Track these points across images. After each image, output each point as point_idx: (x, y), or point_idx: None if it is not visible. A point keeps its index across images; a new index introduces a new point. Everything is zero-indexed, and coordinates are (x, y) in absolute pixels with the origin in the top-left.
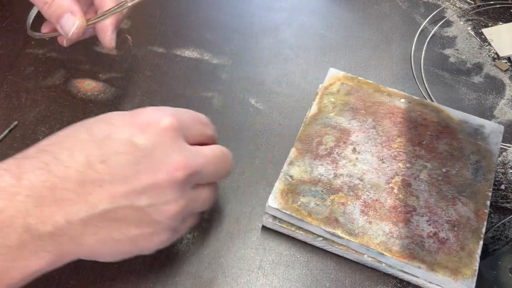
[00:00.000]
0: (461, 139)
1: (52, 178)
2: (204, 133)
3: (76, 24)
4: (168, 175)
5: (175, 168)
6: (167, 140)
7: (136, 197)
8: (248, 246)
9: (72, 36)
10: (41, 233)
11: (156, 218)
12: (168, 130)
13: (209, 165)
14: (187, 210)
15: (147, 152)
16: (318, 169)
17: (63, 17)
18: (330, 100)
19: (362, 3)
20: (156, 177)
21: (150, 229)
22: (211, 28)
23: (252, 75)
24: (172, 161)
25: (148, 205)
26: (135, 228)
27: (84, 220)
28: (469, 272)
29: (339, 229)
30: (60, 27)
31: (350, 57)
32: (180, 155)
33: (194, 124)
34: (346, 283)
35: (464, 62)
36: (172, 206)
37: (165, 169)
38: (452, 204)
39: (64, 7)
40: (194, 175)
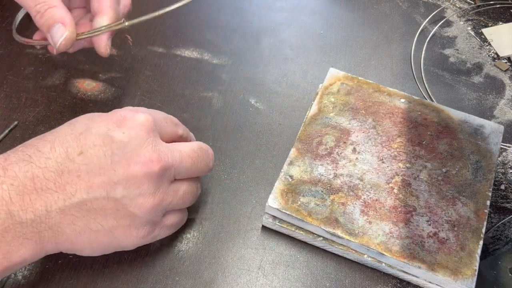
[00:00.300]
0: (461, 139)
1: (33, 169)
2: (176, 133)
3: (64, 35)
4: (143, 167)
5: (150, 160)
6: (142, 134)
7: (112, 187)
8: (248, 246)
9: (59, 47)
10: (23, 220)
11: (132, 210)
12: (144, 125)
13: (186, 160)
14: (165, 204)
15: (122, 144)
16: (318, 169)
17: (54, 27)
18: (330, 100)
19: (362, 3)
20: (130, 169)
21: (127, 222)
22: (211, 28)
23: (252, 75)
24: (147, 153)
25: (123, 196)
26: (112, 220)
27: (62, 209)
28: (469, 272)
29: (339, 229)
30: (50, 37)
31: (350, 57)
32: (154, 148)
33: (167, 123)
34: (346, 283)
35: (464, 62)
36: (148, 198)
37: (139, 161)
38: (452, 204)
39: (56, 17)
40: (169, 169)
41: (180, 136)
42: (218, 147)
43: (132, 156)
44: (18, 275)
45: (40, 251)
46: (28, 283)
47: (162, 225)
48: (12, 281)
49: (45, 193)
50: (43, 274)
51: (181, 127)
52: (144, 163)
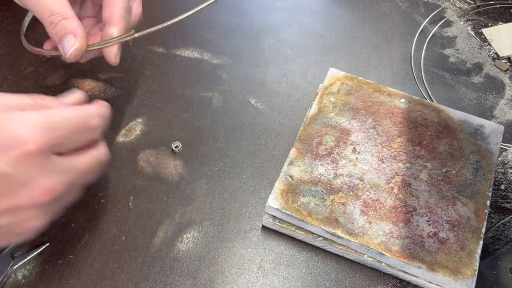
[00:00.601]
0: (461, 139)
1: None
2: (86, 140)
3: (75, 46)
4: (31, 200)
5: (39, 194)
6: (31, 164)
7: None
8: (248, 246)
9: (70, 57)
10: None
11: (17, 231)
12: (33, 155)
13: (80, 177)
14: (51, 216)
15: (6, 177)
16: (318, 169)
17: (65, 38)
18: (330, 100)
19: (362, 3)
20: (15, 202)
21: (16, 237)
22: (211, 28)
23: (252, 75)
24: (35, 186)
25: (8, 223)
26: None
27: None
28: (469, 272)
29: (339, 229)
30: (61, 47)
31: (350, 57)
32: (45, 179)
33: (74, 136)
34: (346, 283)
35: (464, 62)
36: (33, 222)
37: (26, 194)
38: (452, 204)
39: (68, 29)
40: (61, 196)
41: (93, 140)
42: (218, 147)
43: (18, 189)
44: (18, 275)
45: None
46: (28, 283)
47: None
48: (12, 281)
49: None
50: (43, 274)
51: (98, 131)
52: (32, 197)
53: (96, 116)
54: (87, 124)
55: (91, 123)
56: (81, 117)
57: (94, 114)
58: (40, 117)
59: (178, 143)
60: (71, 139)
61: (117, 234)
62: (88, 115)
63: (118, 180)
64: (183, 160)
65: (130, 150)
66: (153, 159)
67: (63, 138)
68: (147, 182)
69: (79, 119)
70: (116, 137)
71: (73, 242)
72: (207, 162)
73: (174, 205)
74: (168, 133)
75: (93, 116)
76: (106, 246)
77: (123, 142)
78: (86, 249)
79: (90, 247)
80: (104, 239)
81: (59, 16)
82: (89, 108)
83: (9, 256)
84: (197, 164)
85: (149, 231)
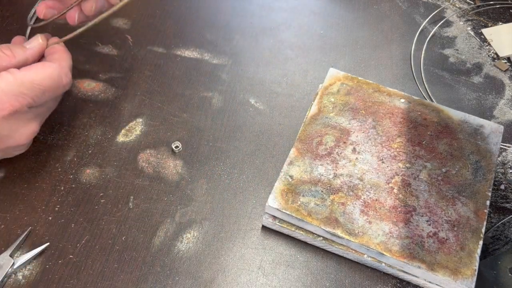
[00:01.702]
0: (461, 139)
1: None
2: (58, 94)
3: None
4: (16, 143)
5: (23, 139)
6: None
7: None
8: (248, 246)
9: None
10: None
11: (10, 155)
12: (11, 114)
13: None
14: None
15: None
16: (318, 169)
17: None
18: (330, 100)
19: (362, 3)
20: (5, 146)
21: None
22: (211, 28)
23: (252, 75)
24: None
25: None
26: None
27: None
28: (469, 272)
29: (339, 229)
30: None
31: (350, 57)
32: (24, 127)
33: (45, 94)
34: (346, 283)
35: (464, 62)
36: (21, 151)
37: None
38: (452, 204)
39: None
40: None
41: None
42: (218, 147)
43: (6, 140)
44: (18, 275)
45: None
46: (28, 283)
47: None
48: (12, 281)
49: None
50: (43, 274)
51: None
52: (17, 142)
53: (64, 75)
54: (57, 84)
55: (61, 82)
56: (52, 79)
57: (62, 73)
58: (14, 82)
59: (178, 143)
60: (43, 97)
61: (117, 234)
62: (57, 76)
63: (118, 180)
64: (183, 160)
65: (130, 150)
66: (153, 159)
67: (36, 97)
68: (147, 182)
69: (50, 80)
70: (116, 137)
71: (73, 242)
72: (207, 162)
73: (174, 205)
74: (168, 133)
75: (61, 76)
76: (106, 246)
77: (123, 142)
78: (86, 249)
79: (90, 247)
80: (104, 239)
81: None
82: (57, 69)
83: (9, 256)
84: (197, 164)
85: (149, 231)
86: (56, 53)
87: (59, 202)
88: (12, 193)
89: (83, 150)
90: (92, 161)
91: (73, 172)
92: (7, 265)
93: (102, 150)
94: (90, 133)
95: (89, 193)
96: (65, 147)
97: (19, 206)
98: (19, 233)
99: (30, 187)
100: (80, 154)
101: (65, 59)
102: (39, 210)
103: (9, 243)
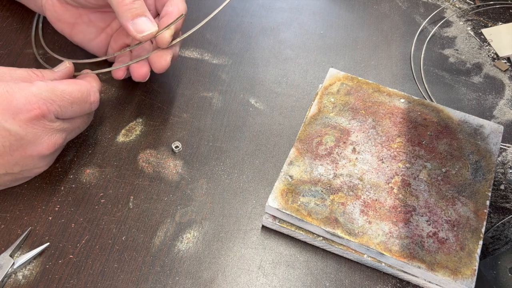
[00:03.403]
0: (460, 139)
1: None
2: (84, 110)
3: (152, 30)
4: (37, 153)
5: (45, 148)
6: (37, 126)
7: (10, 167)
8: (248, 246)
9: (144, 37)
10: None
11: (27, 175)
12: (38, 119)
13: (77, 131)
14: (53, 160)
15: (18, 137)
16: (318, 169)
17: (140, 18)
18: (330, 100)
19: (362, 3)
20: (26, 154)
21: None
22: (211, 28)
23: (252, 75)
24: (41, 142)
25: (20, 171)
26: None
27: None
28: (468, 272)
29: (339, 229)
30: (132, 26)
31: (350, 57)
32: (49, 137)
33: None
34: (346, 283)
35: (463, 62)
36: (40, 169)
37: (34, 148)
38: (451, 204)
39: (143, 9)
40: (61, 147)
41: (89, 112)
42: (218, 147)
43: (29, 146)
44: (18, 275)
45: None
46: (28, 283)
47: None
48: (12, 281)
49: None
50: (43, 274)
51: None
52: (40, 151)
53: (93, 93)
54: (85, 99)
55: (89, 98)
56: (80, 92)
57: (91, 91)
58: (45, 88)
59: (178, 143)
60: (70, 109)
61: (117, 234)
62: (86, 91)
63: (118, 180)
64: (183, 160)
65: (130, 150)
66: (153, 159)
67: (64, 107)
68: (147, 182)
69: (78, 93)
70: (117, 137)
71: (73, 242)
72: (207, 162)
73: (174, 205)
74: (168, 133)
75: (89, 93)
76: (106, 246)
77: (123, 142)
78: (86, 249)
79: (90, 247)
80: (104, 239)
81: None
82: (87, 86)
83: (9, 256)
84: (197, 164)
85: (149, 231)
86: (86, 77)
87: (59, 202)
88: (12, 193)
89: (83, 150)
90: (92, 161)
91: (73, 172)
92: (7, 265)
93: (102, 150)
94: (90, 133)
95: (89, 193)
96: (65, 147)
97: (19, 206)
98: (19, 233)
99: (30, 187)
100: (80, 154)
101: (95, 81)
102: (39, 210)
103: (9, 243)
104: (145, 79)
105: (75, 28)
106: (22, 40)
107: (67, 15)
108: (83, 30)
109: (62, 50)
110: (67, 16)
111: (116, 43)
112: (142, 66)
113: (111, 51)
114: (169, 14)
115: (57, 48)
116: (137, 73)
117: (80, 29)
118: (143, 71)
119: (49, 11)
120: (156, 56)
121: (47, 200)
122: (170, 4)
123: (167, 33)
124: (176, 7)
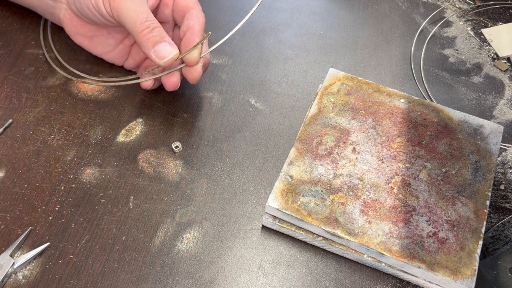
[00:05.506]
0: (460, 139)
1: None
2: None
3: (173, 54)
4: None
5: None
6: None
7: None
8: (248, 246)
9: (166, 63)
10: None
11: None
12: None
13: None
14: None
15: None
16: (318, 169)
17: (160, 44)
18: (330, 100)
19: (362, 3)
20: None
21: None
22: (211, 28)
23: (252, 75)
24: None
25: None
26: None
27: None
28: (468, 272)
29: (339, 229)
30: (154, 53)
31: (350, 57)
32: None
33: None
34: (346, 283)
35: (463, 62)
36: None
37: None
38: (451, 204)
39: (163, 35)
40: None
41: None
42: (218, 147)
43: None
44: (18, 275)
45: None
46: (28, 283)
47: None
48: (12, 281)
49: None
50: (43, 274)
51: None
52: None
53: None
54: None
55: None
56: None
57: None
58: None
59: (178, 143)
60: None
61: (117, 234)
62: None
63: (118, 180)
64: (183, 160)
65: (130, 150)
66: (153, 159)
67: None
68: (147, 182)
69: None
70: (117, 137)
71: (73, 242)
72: (207, 162)
73: (174, 205)
74: (168, 133)
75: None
76: (106, 246)
77: (123, 142)
78: (86, 249)
79: (90, 247)
80: (104, 239)
81: (154, 23)
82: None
83: (9, 256)
84: (197, 164)
85: (149, 231)
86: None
87: (59, 202)
88: (12, 193)
89: (83, 150)
90: (92, 161)
91: (73, 172)
92: (7, 265)
93: (102, 150)
94: (90, 133)
95: (89, 193)
96: (65, 147)
97: (19, 206)
98: (19, 233)
99: (30, 187)
100: (80, 154)
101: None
102: (39, 210)
103: (9, 243)
104: (177, 88)
105: (94, 40)
106: (22, 40)
107: (85, 29)
108: (102, 42)
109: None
110: (85, 30)
111: (138, 54)
112: (173, 75)
113: (131, 61)
114: (191, 29)
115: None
116: (170, 84)
117: (99, 41)
118: (175, 80)
119: (67, 25)
120: (187, 68)
121: (47, 200)
122: (190, 18)
123: (195, 53)
124: (197, 20)
